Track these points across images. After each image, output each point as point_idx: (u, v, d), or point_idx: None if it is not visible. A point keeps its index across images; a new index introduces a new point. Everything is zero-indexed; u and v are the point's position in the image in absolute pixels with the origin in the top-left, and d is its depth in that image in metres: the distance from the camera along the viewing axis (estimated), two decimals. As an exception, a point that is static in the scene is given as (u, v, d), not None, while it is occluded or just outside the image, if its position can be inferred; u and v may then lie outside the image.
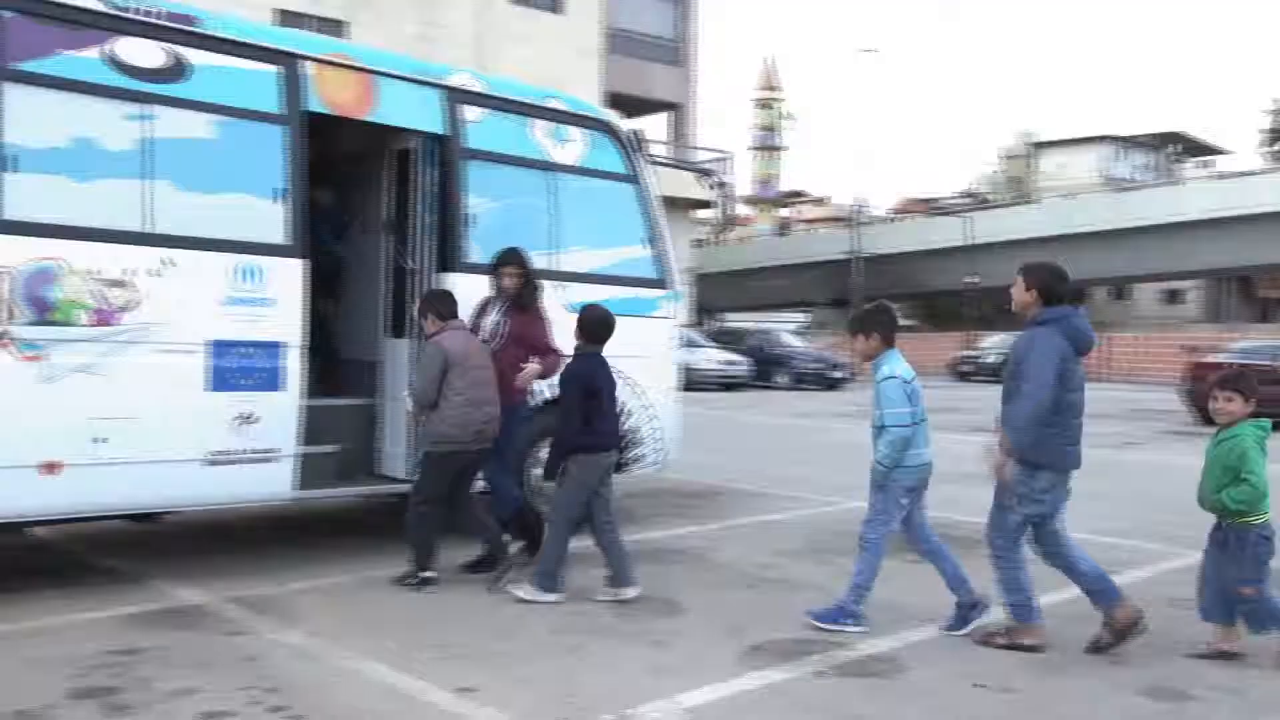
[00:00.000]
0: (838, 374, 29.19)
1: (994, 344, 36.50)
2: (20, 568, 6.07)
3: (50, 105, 5.29)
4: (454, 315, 6.10)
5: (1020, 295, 5.11)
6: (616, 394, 5.91)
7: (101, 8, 5.45)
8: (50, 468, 5.19)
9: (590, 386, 5.73)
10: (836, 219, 66.61)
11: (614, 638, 5.10)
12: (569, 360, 5.98)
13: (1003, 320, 50.56)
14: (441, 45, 24.83)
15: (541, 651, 4.85)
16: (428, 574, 5.86)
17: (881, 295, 48.49)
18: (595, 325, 5.86)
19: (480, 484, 6.31)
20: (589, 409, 5.71)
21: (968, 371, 35.46)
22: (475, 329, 6.41)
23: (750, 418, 18.94)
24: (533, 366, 6.29)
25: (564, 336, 7.05)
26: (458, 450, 5.90)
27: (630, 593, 5.72)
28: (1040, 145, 66.35)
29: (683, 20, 35.96)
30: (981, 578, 5.29)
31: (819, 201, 79.26)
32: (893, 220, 56.27)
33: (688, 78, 36.39)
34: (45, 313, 5.15)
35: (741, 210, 61.91)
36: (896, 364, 5.28)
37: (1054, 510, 5.01)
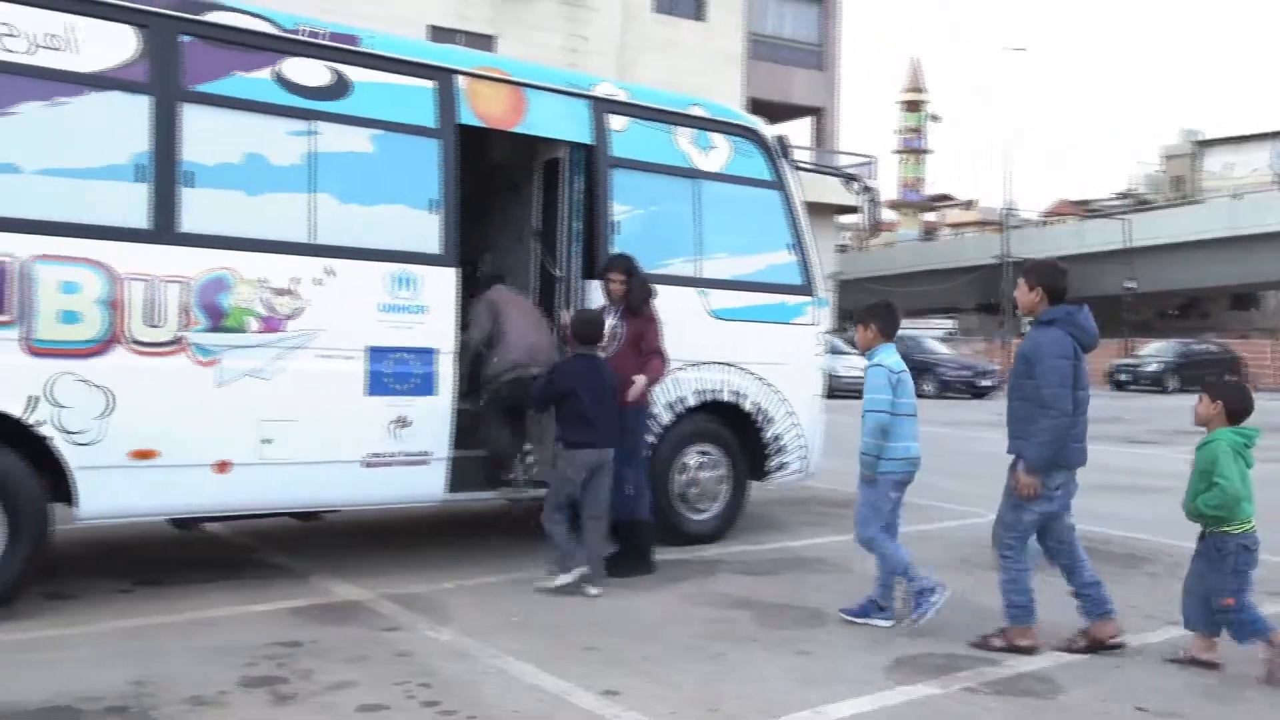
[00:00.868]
0: (986, 382, 28.35)
1: (1153, 352, 34.87)
2: (196, 561, 6.44)
3: (223, 124, 5.59)
4: (500, 282, 6.95)
5: (1024, 297, 5.18)
6: (605, 396, 6.06)
7: (272, 30, 5.74)
8: (222, 466, 5.49)
9: (562, 387, 5.99)
10: (984, 223, 64.81)
11: (756, 646, 5.08)
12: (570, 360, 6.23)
13: (1162, 326, 48.32)
14: (586, 56, 25.23)
15: (684, 657, 4.87)
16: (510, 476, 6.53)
17: (1032, 301, 47.03)
18: (578, 326, 6.20)
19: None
20: (566, 407, 5.97)
21: (1125, 380, 33.74)
22: None
23: (894, 426, 18.53)
24: (639, 379, 6.34)
25: (707, 342, 7.10)
26: (520, 375, 6.39)
27: (594, 590, 5.87)
28: (1205, 143, 63.15)
29: (826, 23, 35.61)
30: (1148, 599, 5.06)
31: (966, 205, 77.31)
32: (1045, 224, 54.40)
33: (831, 82, 36.01)
34: (219, 320, 5.45)
35: (885, 215, 60.82)
36: (888, 356, 5.49)
37: (1063, 507, 5.09)
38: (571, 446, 5.97)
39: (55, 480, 5.14)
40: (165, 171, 5.33)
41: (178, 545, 6.67)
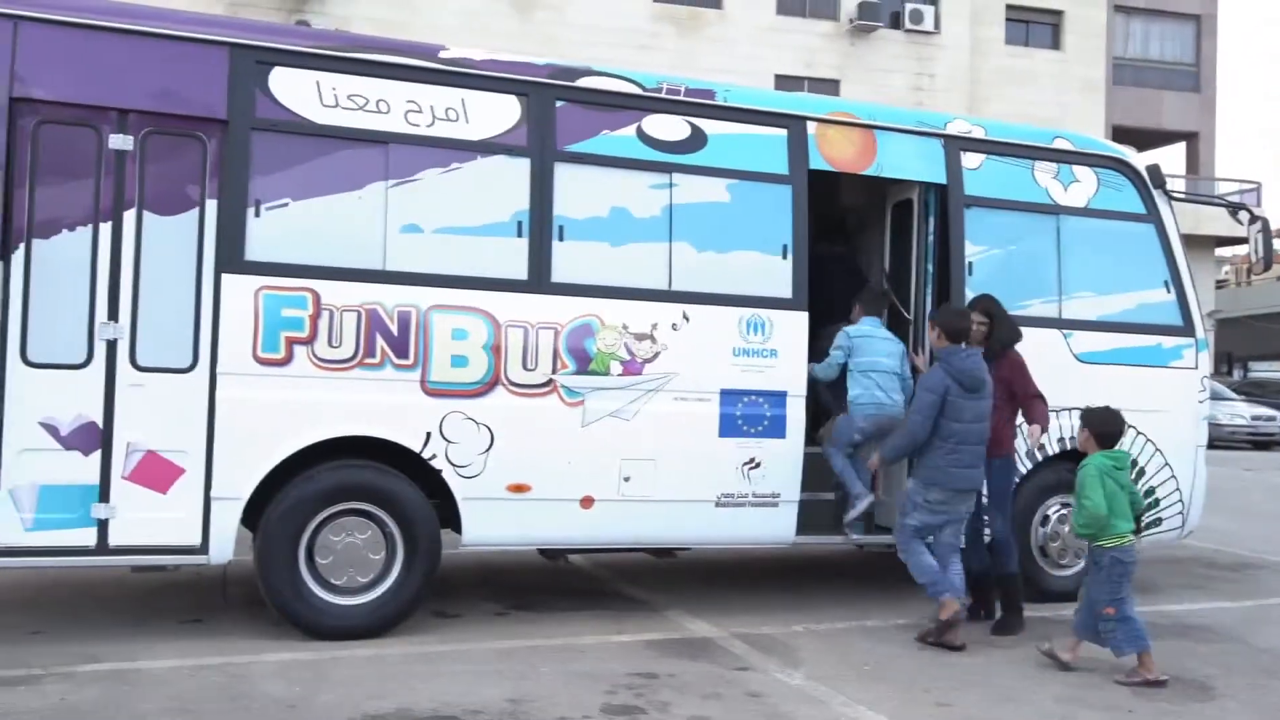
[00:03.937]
0: (1406, 434, 24.59)
1: None
2: (562, 589, 6.86)
3: (590, 180, 5.98)
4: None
5: (929, 336, 5.99)
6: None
7: (636, 90, 6.10)
8: (586, 502, 5.82)
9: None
10: (1401, 251, 56.70)
11: (1131, 718, 4.70)
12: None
13: None
14: (934, 94, 24.77)
15: (1050, 722, 4.59)
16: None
17: None
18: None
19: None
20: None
21: None
22: None
23: (1289, 481, 16.57)
24: (1035, 428, 6.13)
25: (1070, 386, 6.66)
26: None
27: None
28: None
29: (1201, 41, 32.76)
30: None
31: (1378, 231, 67.98)
32: None
33: (1207, 103, 33.03)
34: (585, 364, 5.81)
35: (1277, 245, 54.74)
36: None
37: (945, 523, 5.79)
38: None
39: (442, 508, 5.67)
40: (541, 227, 5.78)
41: (545, 574, 7.14)
